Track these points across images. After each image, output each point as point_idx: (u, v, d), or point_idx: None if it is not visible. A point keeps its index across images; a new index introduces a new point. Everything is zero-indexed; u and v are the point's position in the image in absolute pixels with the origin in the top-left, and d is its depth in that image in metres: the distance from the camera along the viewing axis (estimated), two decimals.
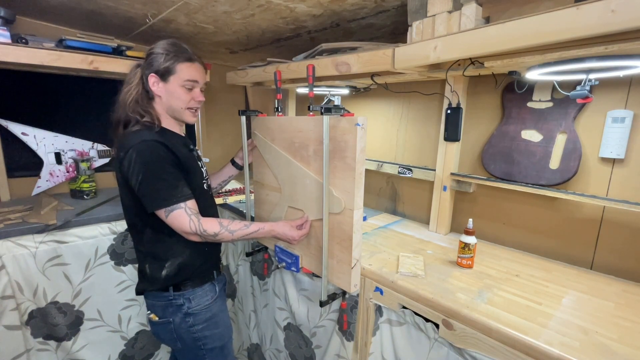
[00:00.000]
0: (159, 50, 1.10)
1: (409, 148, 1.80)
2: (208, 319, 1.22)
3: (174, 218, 1.05)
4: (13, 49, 1.49)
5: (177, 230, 1.07)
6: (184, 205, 1.06)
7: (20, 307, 1.44)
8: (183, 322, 1.19)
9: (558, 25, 0.78)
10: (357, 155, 1.04)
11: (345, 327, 1.26)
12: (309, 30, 1.73)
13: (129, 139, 1.06)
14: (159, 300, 1.19)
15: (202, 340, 1.22)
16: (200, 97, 1.18)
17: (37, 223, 1.46)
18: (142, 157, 1.03)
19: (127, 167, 1.03)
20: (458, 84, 1.41)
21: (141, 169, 1.02)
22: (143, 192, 1.04)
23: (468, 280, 1.10)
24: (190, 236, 1.08)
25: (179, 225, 1.06)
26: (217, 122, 2.72)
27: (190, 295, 1.19)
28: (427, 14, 1.14)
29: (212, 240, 1.10)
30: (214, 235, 1.09)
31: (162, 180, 1.04)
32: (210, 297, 1.24)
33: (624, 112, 1.12)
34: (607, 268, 1.20)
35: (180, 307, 1.18)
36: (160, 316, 1.19)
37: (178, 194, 1.05)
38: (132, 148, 1.03)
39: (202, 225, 1.07)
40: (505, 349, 0.84)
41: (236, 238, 1.13)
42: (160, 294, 1.18)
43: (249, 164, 1.54)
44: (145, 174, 1.03)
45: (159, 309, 1.19)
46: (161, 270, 1.15)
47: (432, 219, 1.58)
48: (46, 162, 1.94)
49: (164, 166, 1.05)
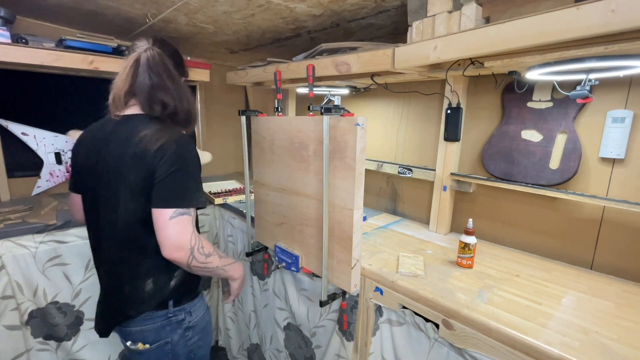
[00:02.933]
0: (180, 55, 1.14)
1: (409, 148, 1.80)
2: (202, 328, 1.16)
3: (180, 223, 0.93)
4: (13, 49, 1.49)
5: (169, 241, 0.92)
6: (193, 214, 0.98)
7: (20, 307, 1.44)
8: (182, 338, 1.09)
9: (558, 25, 0.78)
10: (357, 155, 1.04)
11: (345, 327, 1.26)
12: (309, 30, 1.73)
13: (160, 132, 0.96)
14: (151, 323, 1.04)
15: (194, 350, 1.15)
16: None
17: (37, 223, 1.46)
18: (182, 149, 0.97)
19: (162, 157, 0.93)
20: (458, 84, 1.41)
21: (179, 160, 0.95)
22: (167, 183, 0.93)
23: (468, 280, 1.10)
24: (178, 253, 0.93)
25: (180, 235, 0.93)
26: (217, 122, 2.72)
27: (191, 307, 1.11)
28: (427, 14, 1.14)
29: (201, 261, 0.98)
30: (207, 255, 1.00)
31: (194, 180, 0.99)
32: (204, 307, 1.18)
33: (624, 112, 1.12)
34: (607, 268, 1.20)
35: (181, 323, 1.08)
36: (152, 341, 1.05)
37: (198, 198, 0.98)
38: (169, 140, 0.95)
39: (201, 241, 0.99)
40: (505, 349, 0.84)
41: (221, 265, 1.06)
42: (154, 314, 1.04)
43: (248, 164, 1.53)
44: (182, 167, 0.95)
45: (152, 333, 1.05)
46: (170, 281, 1.04)
47: (432, 219, 1.58)
48: (46, 162, 1.94)
49: (198, 165, 1.01)
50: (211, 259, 1.02)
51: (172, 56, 1.07)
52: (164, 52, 1.04)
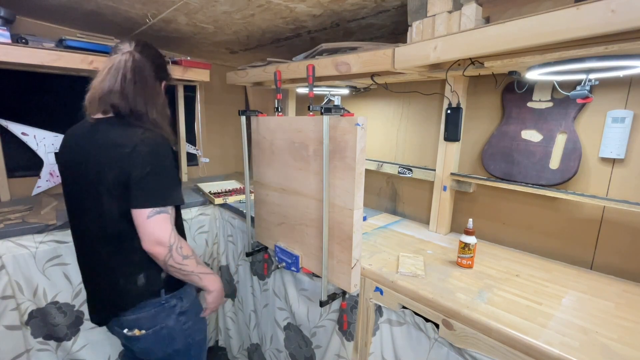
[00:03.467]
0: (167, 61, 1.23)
1: (409, 148, 1.80)
2: (196, 313, 1.22)
3: (158, 222, 0.97)
4: (13, 49, 1.49)
5: (149, 236, 0.97)
6: (171, 212, 1.01)
7: (20, 307, 1.44)
8: (177, 323, 1.14)
9: (558, 25, 0.78)
10: (357, 155, 1.04)
11: (345, 327, 1.26)
12: (309, 30, 1.73)
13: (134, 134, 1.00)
14: (145, 311, 1.09)
15: (192, 335, 1.20)
16: None
17: (37, 223, 1.46)
18: (155, 149, 0.99)
19: (135, 158, 0.96)
20: (458, 84, 1.41)
21: (153, 161, 0.98)
22: (144, 185, 0.96)
23: (468, 280, 1.10)
24: (157, 247, 0.98)
25: (159, 232, 0.97)
26: (217, 122, 2.72)
27: (181, 294, 1.16)
28: (427, 14, 1.14)
29: (177, 261, 1.01)
30: (185, 257, 1.02)
31: (168, 179, 1.01)
32: (194, 293, 1.23)
33: (624, 112, 1.12)
34: (607, 268, 1.19)
35: (174, 309, 1.13)
36: (148, 327, 1.10)
37: (174, 196, 1.01)
38: (142, 142, 0.98)
39: (179, 242, 1.02)
40: (505, 349, 0.84)
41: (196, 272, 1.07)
42: (147, 302, 1.09)
43: (248, 164, 1.54)
44: (155, 168, 0.98)
45: (146, 320, 1.10)
46: (161, 272, 1.09)
47: (432, 219, 1.58)
48: (46, 162, 1.94)
49: (172, 165, 1.03)
50: (188, 261, 1.04)
51: (152, 60, 1.11)
52: (143, 56, 1.09)
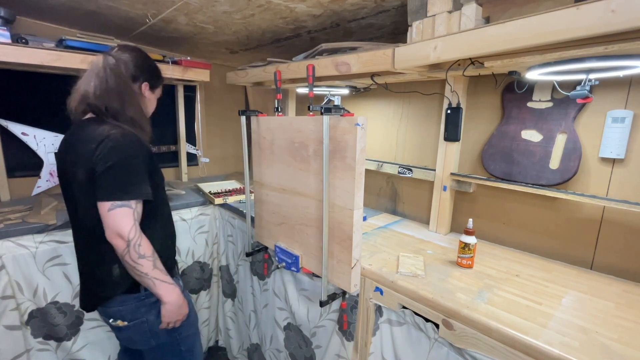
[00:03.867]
0: (157, 67, 1.26)
1: (409, 148, 1.80)
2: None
3: (118, 215, 0.98)
4: (13, 49, 1.49)
5: (110, 229, 0.99)
6: (134, 206, 1.01)
7: (20, 307, 1.44)
8: (159, 319, 1.17)
9: (558, 25, 0.78)
10: (357, 155, 1.04)
11: (345, 327, 1.26)
12: (309, 30, 1.73)
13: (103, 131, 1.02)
14: (126, 304, 1.14)
15: (178, 330, 1.23)
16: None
17: (37, 223, 1.47)
18: (119, 145, 1.00)
19: (99, 154, 0.99)
20: (458, 84, 1.41)
21: (114, 156, 0.99)
22: (105, 179, 0.98)
23: (468, 280, 1.10)
24: (116, 239, 0.99)
25: (119, 225, 0.98)
26: (217, 122, 2.72)
27: None
28: (427, 14, 1.14)
29: (133, 258, 1.01)
30: (141, 256, 1.02)
31: (132, 174, 1.01)
32: (180, 288, 1.22)
33: (624, 112, 1.12)
34: (607, 268, 1.20)
35: (154, 304, 1.16)
36: (130, 319, 1.15)
37: (136, 191, 1.01)
38: (107, 137, 1.00)
39: (142, 239, 1.02)
40: (505, 348, 0.84)
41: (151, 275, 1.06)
42: (128, 296, 1.13)
43: (248, 164, 1.54)
44: (117, 162, 0.99)
45: (128, 313, 1.15)
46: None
47: (432, 219, 1.58)
48: (46, 162, 1.94)
49: (139, 160, 1.03)
50: (143, 262, 1.03)
51: (130, 61, 1.15)
52: (120, 57, 1.13)
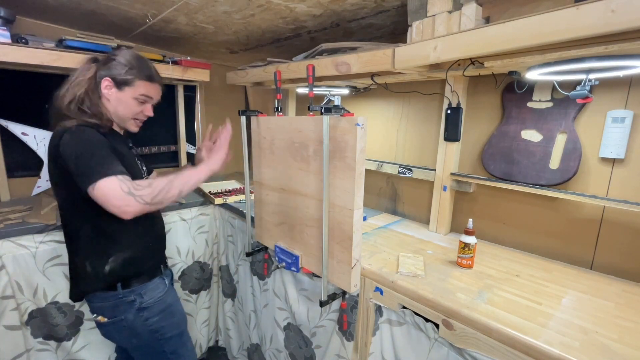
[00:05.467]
0: (121, 60, 1.13)
1: (409, 148, 1.80)
2: (163, 309, 1.23)
3: (103, 186, 0.95)
4: (13, 49, 1.49)
5: (107, 203, 0.95)
6: (116, 176, 0.98)
7: (20, 307, 1.44)
8: (137, 318, 1.18)
9: (558, 25, 0.78)
10: (357, 155, 1.04)
11: (345, 327, 1.26)
12: (309, 30, 1.73)
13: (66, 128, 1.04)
14: (106, 301, 1.16)
15: (160, 331, 1.22)
16: (150, 112, 1.22)
17: (37, 223, 1.46)
18: (78, 136, 1.01)
19: (63, 150, 1.00)
20: (458, 84, 1.41)
21: (77, 147, 1.00)
22: (81, 170, 0.98)
23: (468, 280, 1.10)
24: (123, 201, 0.95)
25: (109, 192, 0.94)
26: (217, 122, 2.71)
27: (141, 290, 1.19)
28: (427, 14, 1.14)
29: (148, 196, 0.99)
30: (149, 185, 1.00)
31: (98, 157, 1.00)
32: (162, 290, 1.24)
33: (624, 112, 1.12)
34: (607, 268, 1.20)
35: (132, 304, 1.17)
36: (109, 316, 1.17)
37: (112, 167, 0.99)
38: (66, 132, 1.01)
39: (134, 181, 0.99)
40: (505, 349, 0.84)
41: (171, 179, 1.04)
42: (107, 293, 1.15)
43: (248, 164, 1.54)
44: (81, 151, 1.00)
45: (108, 310, 1.17)
46: (104, 265, 1.12)
47: (432, 219, 1.58)
48: (46, 162, 1.94)
49: (99, 145, 1.02)
50: (156, 183, 1.02)
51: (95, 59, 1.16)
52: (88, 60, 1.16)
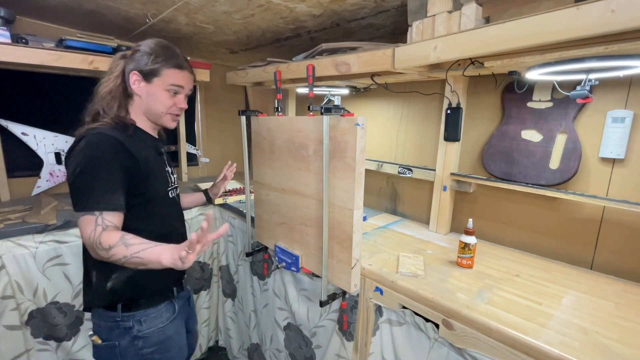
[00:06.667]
0: (146, 49, 1.05)
1: (409, 148, 1.80)
2: (160, 342, 1.11)
3: (81, 223, 0.92)
4: (13, 49, 1.49)
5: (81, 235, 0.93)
6: (99, 214, 0.92)
7: (20, 307, 1.44)
8: (131, 346, 1.07)
9: (558, 25, 0.78)
10: (357, 155, 1.04)
11: (345, 327, 1.26)
12: (309, 30, 1.73)
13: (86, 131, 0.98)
14: (104, 321, 1.07)
15: None
16: (183, 104, 1.13)
17: (37, 223, 1.46)
18: (90, 149, 0.93)
19: (73, 156, 0.94)
20: (458, 84, 1.41)
21: (82, 161, 0.92)
22: (75, 186, 0.92)
23: (468, 280, 1.10)
24: (89, 245, 0.91)
25: (81, 232, 0.92)
26: (217, 122, 2.72)
27: (142, 317, 1.08)
28: (427, 14, 1.14)
29: (104, 257, 0.90)
30: (107, 249, 0.89)
31: (97, 180, 0.92)
32: (166, 319, 1.13)
33: (624, 112, 1.12)
34: (607, 268, 1.19)
35: (129, 330, 1.07)
36: (104, 339, 1.07)
37: (105, 200, 0.92)
38: (85, 138, 0.95)
39: (100, 236, 0.89)
40: (505, 349, 0.84)
41: (128, 256, 0.88)
42: (107, 313, 1.06)
43: (248, 164, 1.53)
44: (85, 168, 0.92)
45: (104, 330, 1.07)
46: (106, 282, 1.03)
47: (432, 219, 1.58)
48: (46, 162, 1.94)
49: (107, 165, 0.94)
50: (115, 250, 0.89)
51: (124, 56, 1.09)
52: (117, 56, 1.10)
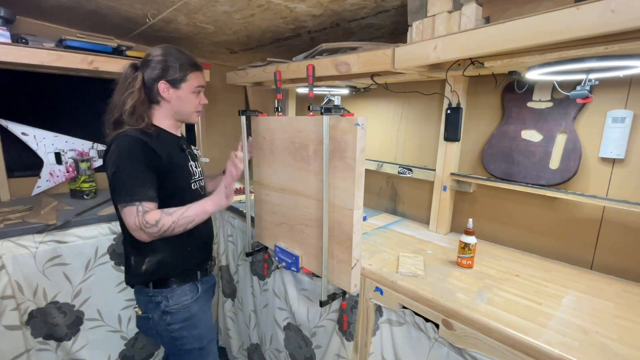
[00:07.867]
0: (173, 61, 1.16)
1: (409, 148, 1.80)
2: (186, 318, 1.24)
3: (125, 214, 1.07)
4: (13, 49, 1.49)
5: (127, 225, 1.08)
6: (139, 204, 1.07)
7: (20, 307, 1.44)
8: (161, 320, 1.21)
9: (558, 25, 0.78)
10: (357, 155, 1.04)
11: (345, 327, 1.26)
12: (309, 30, 1.73)
13: (116, 135, 1.12)
14: (142, 296, 1.24)
15: (180, 340, 1.24)
16: (205, 100, 1.30)
17: (37, 223, 1.46)
18: (120, 150, 1.08)
19: (108, 159, 1.10)
20: (458, 84, 1.41)
21: (116, 161, 1.08)
22: (113, 185, 1.09)
23: (468, 280, 1.10)
24: (137, 233, 1.07)
25: (128, 222, 1.07)
26: (217, 122, 2.72)
27: (169, 293, 1.21)
28: (427, 14, 1.14)
29: (156, 233, 1.07)
30: (155, 224, 1.06)
31: (131, 177, 1.07)
32: (190, 297, 1.25)
33: (624, 112, 1.12)
34: (607, 268, 1.20)
35: (159, 305, 1.21)
36: (143, 311, 1.24)
37: (140, 192, 1.07)
38: (114, 142, 1.10)
39: (144, 217, 1.05)
40: (505, 349, 0.84)
41: (176, 219, 1.09)
42: (143, 289, 1.22)
43: (249, 164, 1.53)
44: (119, 168, 1.07)
45: (142, 304, 1.24)
46: (142, 265, 1.18)
47: (432, 219, 1.58)
48: (46, 162, 1.94)
49: (137, 164, 1.08)
50: (162, 222, 1.07)
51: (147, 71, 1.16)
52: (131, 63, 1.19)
